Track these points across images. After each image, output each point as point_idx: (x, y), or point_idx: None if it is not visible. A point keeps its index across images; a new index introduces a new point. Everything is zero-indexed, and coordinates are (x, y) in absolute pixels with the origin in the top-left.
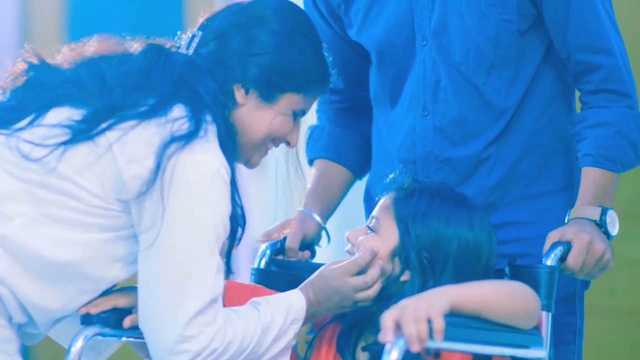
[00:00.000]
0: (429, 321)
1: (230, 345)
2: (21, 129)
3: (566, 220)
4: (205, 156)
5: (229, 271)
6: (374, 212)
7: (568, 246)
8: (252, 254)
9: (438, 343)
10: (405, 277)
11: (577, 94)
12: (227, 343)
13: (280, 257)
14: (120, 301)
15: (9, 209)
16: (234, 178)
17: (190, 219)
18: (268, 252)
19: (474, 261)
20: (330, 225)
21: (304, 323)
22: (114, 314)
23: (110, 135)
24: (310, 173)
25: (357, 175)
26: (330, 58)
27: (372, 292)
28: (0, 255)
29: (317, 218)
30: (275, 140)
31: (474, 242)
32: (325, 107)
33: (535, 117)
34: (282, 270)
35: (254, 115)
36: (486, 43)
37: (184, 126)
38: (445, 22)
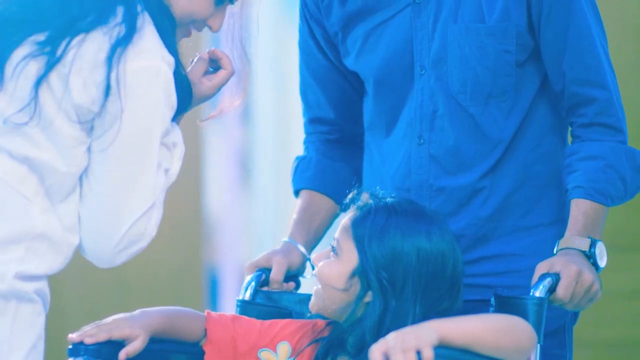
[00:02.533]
0: (418, 353)
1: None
2: None
3: (555, 251)
4: (145, 62)
5: None
6: (336, 234)
7: (557, 277)
8: (238, 285)
9: None
10: (368, 298)
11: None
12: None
13: (265, 288)
14: (115, 333)
15: (26, 192)
16: (177, 54)
17: (138, 126)
18: (253, 283)
19: (437, 272)
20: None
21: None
22: (103, 346)
23: (66, 60)
24: (296, 204)
25: (344, 207)
26: None
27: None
28: (42, 254)
29: (302, 249)
30: (196, 23)
31: (435, 253)
32: (313, 137)
33: (529, 149)
34: (268, 302)
35: None
36: (484, 73)
37: (121, 30)
38: (444, 52)
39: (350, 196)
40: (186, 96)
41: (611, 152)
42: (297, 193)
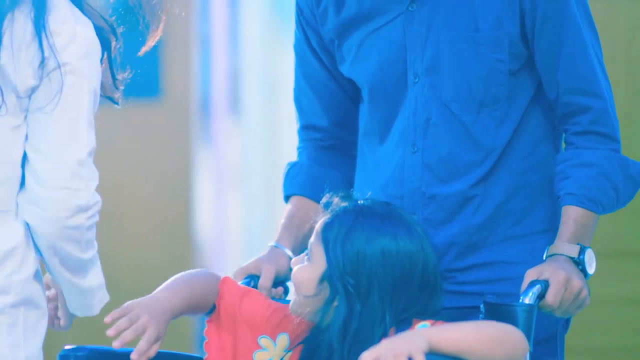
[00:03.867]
0: (410, 359)
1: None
2: None
3: (544, 257)
4: (64, 27)
5: (114, 80)
6: (310, 238)
7: (546, 284)
8: None
9: None
10: (337, 302)
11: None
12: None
13: None
14: (144, 334)
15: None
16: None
17: (74, 83)
18: None
19: (405, 274)
20: None
21: None
22: (92, 353)
23: (5, 43)
24: (285, 209)
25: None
26: None
27: None
28: (32, 247)
29: (290, 254)
30: None
31: (401, 255)
32: (306, 144)
33: (522, 157)
34: None
35: None
36: (477, 82)
37: (36, 1)
38: (437, 60)
39: (324, 199)
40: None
41: (604, 160)
42: (287, 199)
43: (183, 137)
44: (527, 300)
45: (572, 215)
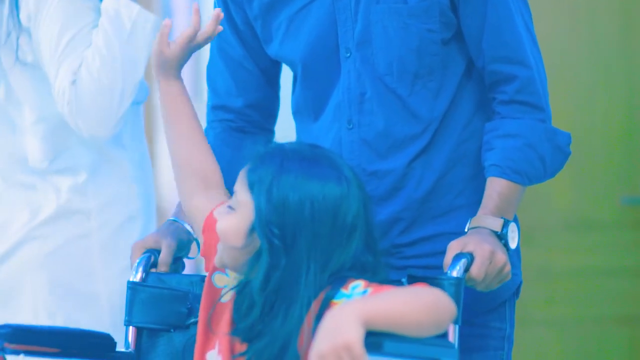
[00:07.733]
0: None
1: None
2: None
3: (466, 229)
4: None
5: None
6: (235, 186)
7: (472, 257)
8: (190, 270)
9: None
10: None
11: None
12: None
13: (152, 269)
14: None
15: None
16: None
17: None
18: (143, 265)
19: (330, 221)
20: None
21: None
22: (16, 332)
23: None
24: None
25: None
26: None
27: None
28: None
29: (188, 228)
30: None
31: (329, 200)
32: (214, 125)
33: (461, 127)
34: (160, 284)
35: None
36: (409, 54)
37: None
38: (368, 34)
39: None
40: None
41: (530, 130)
42: None
43: (144, 119)
44: (454, 274)
45: (496, 187)
